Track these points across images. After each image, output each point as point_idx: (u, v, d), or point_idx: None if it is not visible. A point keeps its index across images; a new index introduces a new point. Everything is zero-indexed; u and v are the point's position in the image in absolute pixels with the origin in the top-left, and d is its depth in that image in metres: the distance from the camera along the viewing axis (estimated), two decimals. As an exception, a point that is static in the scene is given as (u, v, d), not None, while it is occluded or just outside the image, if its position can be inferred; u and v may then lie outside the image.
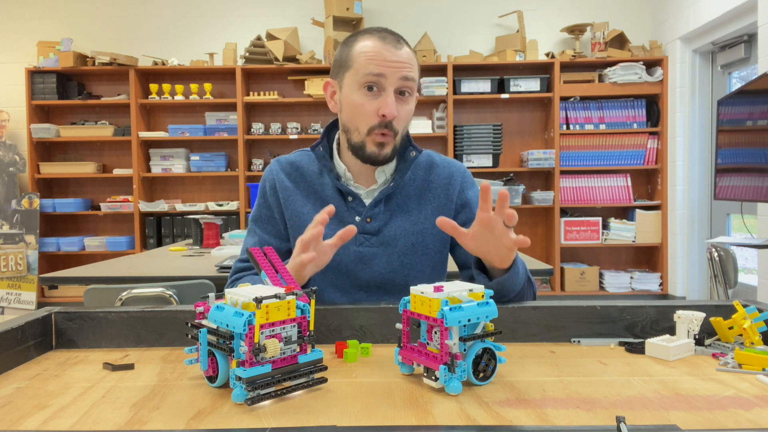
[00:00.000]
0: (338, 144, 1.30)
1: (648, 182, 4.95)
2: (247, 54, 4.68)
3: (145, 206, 4.75)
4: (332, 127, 1.33)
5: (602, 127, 4.72)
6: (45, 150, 4.92)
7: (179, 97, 4.76)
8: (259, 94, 4.74)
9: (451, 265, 1.37)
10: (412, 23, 4.91)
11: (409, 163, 1.28)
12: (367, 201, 1.27)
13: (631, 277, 4.76)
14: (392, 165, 1.28)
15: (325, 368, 0.79)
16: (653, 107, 4.74)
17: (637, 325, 1.00)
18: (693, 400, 0.73)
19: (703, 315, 0.92)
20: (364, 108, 1.17)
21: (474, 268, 1.13)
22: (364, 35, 1.21)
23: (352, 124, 1.21)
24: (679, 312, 0.93)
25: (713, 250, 2.88)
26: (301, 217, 1.27)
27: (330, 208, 1.03)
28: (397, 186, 1.27)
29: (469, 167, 4.19)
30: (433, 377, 0.77)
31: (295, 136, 4.75)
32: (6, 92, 4.93)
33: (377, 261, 1.26)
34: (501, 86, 4.72)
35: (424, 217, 1.28)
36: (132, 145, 4.74)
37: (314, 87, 4.63)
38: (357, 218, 1.26)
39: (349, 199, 1.26)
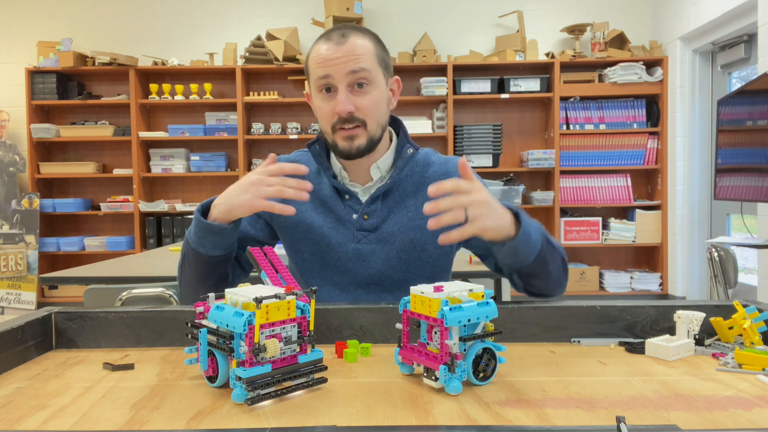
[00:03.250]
0: None
1: (648, 182, 4.95)
2: (247, 54, 4.67)
3: (145, 206, 4.74)
4: None
5: (602, 127, 4.72)
6: (45, 150, 4.92)
7: (179, 97, 4.76)
8: (259, 94, 4.73)
9: (456, 266, 1.36)
10: (412, 23, 4.91)
11: (406, 160, 1.28)
12: (364, 198, 1.28)
13: (631, 277, 4.76)
14: (388, 161, 1.29)
15: (325, 368, 0.79)
16: (653, 107, 4.73)
17: (637, 325, 1.00)
18: (693, 400, 0.73)
19: (703, 315, 0.92)
20: (324, 110, 1.21)
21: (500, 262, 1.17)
22: (318, 40, 1.22)
23: (322, 127, 1.25)
24: (679, 312, 0.93)
25: (713, 250, 2.88)
26: (297, 215, 1.27)
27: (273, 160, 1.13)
28: (393, 182, 1.27)
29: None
30: (433, 377, 0.77)
31: (295, 136, 4.75)
32: (6, 92, 4.92)
33: (375, 258, 1.26)
34: (501, 86, 4.72)
35: (422, 214, 1.25)
36: (132, 145, 4.74)
37: (314, 87, 4.63)
38: (354, 216, 1.27)
39: (346, 197, 1.28)
